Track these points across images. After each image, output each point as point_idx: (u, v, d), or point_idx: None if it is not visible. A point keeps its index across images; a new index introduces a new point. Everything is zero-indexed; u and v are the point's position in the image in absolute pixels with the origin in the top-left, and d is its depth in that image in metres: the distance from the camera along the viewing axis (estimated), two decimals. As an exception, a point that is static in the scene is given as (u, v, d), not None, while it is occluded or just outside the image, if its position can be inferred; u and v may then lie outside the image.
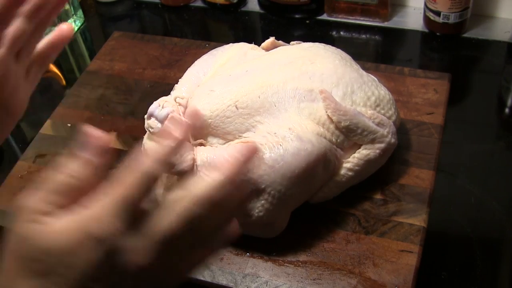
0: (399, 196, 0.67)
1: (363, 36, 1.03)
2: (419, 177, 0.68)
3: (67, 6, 1.07)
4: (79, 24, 1.10)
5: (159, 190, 0.64)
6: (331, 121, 0.62)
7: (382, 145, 0.65)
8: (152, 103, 0.67)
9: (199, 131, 0.63)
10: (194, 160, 0.60)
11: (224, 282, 0.62)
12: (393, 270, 0.61)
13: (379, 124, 0.65)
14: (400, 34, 1.02)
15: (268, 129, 0.60)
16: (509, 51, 0.96)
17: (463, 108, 0.89)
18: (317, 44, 0.70)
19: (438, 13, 0.96)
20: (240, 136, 0.62)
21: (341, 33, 1.04)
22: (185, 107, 0.66)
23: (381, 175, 0.68)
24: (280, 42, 0.72)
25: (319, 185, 0.64)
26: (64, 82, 1.04)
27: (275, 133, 0.59)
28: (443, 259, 0.70)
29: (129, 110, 0.80)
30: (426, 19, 0.99)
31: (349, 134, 0.63)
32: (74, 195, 0.40)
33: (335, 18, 1.05)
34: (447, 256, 0.70)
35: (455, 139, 0.82)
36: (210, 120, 0.62)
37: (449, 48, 0.98)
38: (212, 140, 0.63)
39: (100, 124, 0.80)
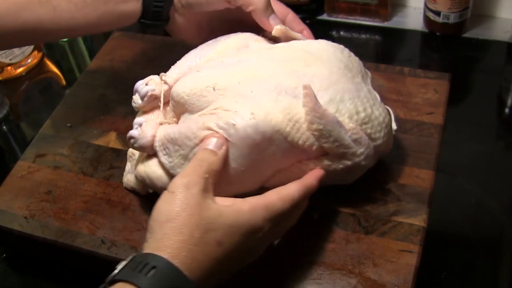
0: (399, 196, 0.67)
1: (363, 36, 1.03)
2: (419, 177, 0.68)
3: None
4: (79, 24, 1.10)
5: (139, 166, 0.66)
6: (304, 121, 0.59)
7: (348, 163, 0.61)
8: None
9: (177, 107, 0.65)
10: (154, 137, 0.64)
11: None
12: (393, 270, 0.61)
13: (355, 140, 0.61)
14: (400, 34, 1.02)
15: (234, 107, 0.59)
16: (509, 51, 0.97)
17: (463, 108, 0.89)
18: (327, 47, 0.67)
19: (438, 13, 0.96)
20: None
21: (341, 33, 1.04)
22: (170, 87, 0.66)
23: (381, 175, 0.68)
24: (293, 33, 0.70)
25: (263, 178, 0.62)
26: (64, 82, 1.05)
27: (236, 111, 0.59)
28: (443, 259, 0.70)
29: (129, 110, 0.80)
30: (426, 19, 0.99)
31: (320, 139, 0.60)
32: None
33: (335, 18, 1.05)
34: (447, 256, 0.70)
35: (455, 139, 0.82)
36: (187, 97, 0.63)
37: (449, 48, 0.98)
38: (188, 116, 0.63)
39: (100, 124, 0.80)
